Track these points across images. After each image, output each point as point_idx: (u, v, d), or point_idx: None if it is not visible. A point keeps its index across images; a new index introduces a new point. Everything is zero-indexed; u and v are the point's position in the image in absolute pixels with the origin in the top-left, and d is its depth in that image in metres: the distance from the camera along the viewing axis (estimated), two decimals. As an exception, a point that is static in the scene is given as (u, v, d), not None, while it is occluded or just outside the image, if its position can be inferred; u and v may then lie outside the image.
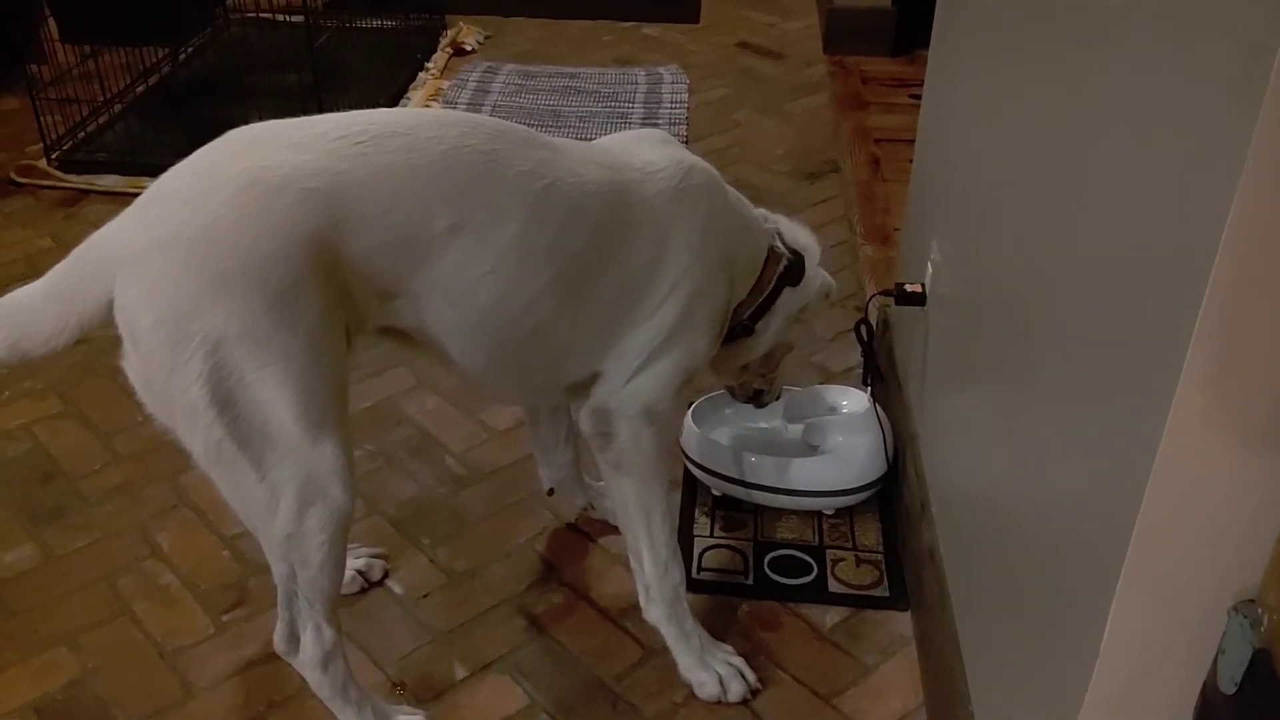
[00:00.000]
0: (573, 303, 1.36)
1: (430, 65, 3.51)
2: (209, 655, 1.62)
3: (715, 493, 1.88)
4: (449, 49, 3.65)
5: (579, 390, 1.48)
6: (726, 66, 3.61)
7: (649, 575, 1.52)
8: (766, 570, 1.76)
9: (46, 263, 1.22)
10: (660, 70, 3.52)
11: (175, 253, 1.14)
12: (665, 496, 1.51)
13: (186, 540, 1.81)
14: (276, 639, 1.39)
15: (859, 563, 1.78)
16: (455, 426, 2.07)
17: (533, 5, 3.98)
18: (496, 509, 1.89)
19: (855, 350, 2.00)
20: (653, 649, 1.61)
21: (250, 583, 1.73)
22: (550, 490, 1.83)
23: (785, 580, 1.74)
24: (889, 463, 1.84)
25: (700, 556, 1.78)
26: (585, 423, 1.47)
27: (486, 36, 3.80)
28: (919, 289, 1.77)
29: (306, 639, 1.36)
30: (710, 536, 1.83)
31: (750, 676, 1.56)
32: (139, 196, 1.21)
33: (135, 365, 1.20)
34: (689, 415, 1.89)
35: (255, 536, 1.31)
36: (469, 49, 3.70)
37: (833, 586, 1.73)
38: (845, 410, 1.95)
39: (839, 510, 1.86)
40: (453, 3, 3.84)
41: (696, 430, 1.87)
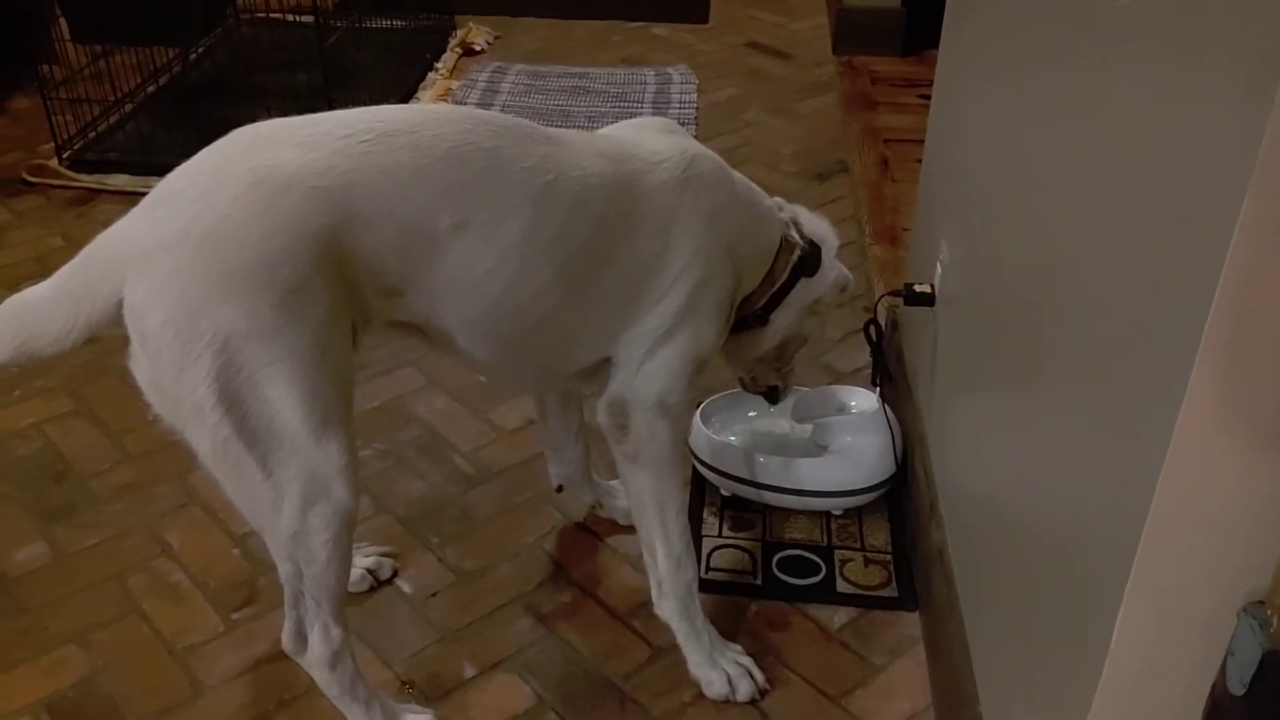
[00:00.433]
0: (578, 294, 1.37)
1: (440, 65, 3.52)
2: (218, 653, 1.62)
3: (724, 493, 1.88)
4: (458, 49, 3.66)
5: (589, 377, 1.48)
6: (735, 66, 3.61)
7: (662, 570, 1.53)
8: (775, 570, 1.76)
9: (57, 262, 1.23)
10: (669, 70, 3.52)
11: (183, 251, 1.14)
12: (680, 491, 1.51)
13: (196, 539, 1.82)
14: (284, 638, 1.39)
15: (868, 563, 1.77)
16: (464, 426, 2.07)
17: (542, 5, 3.99)
18: (505, 508, 1.89)
19: (864, 350, 2.00)
20: (661, 648, 1.61)
21: (260, 581, 1.73)
22: (559, 487, 1.83)
23: (794, 580, 1.74)
24: (898, 463, 1.84)
25: (709, 556, 1.78)
26: (601, 415, 1.48)
27: (496, 36, 3.81)
28: (928, 289, 1.76)
29: (314, 638, 1.36)
30: (719, 536, 1.83)
31: (759, 676, 1.56)
32: (145, 196, 1.21)
33: (143, 365, 1.20)
34: (697, 415, 1.89)
35: (260, 535, 1.31)
36: (478, 49, 3.70)
37: (841, 587, 1.73)
38: (854, 410, 1.95)
39: (848, 511, 1.86)
40: (462, 3, 3.85)
41: (705, 430, 1.87)
